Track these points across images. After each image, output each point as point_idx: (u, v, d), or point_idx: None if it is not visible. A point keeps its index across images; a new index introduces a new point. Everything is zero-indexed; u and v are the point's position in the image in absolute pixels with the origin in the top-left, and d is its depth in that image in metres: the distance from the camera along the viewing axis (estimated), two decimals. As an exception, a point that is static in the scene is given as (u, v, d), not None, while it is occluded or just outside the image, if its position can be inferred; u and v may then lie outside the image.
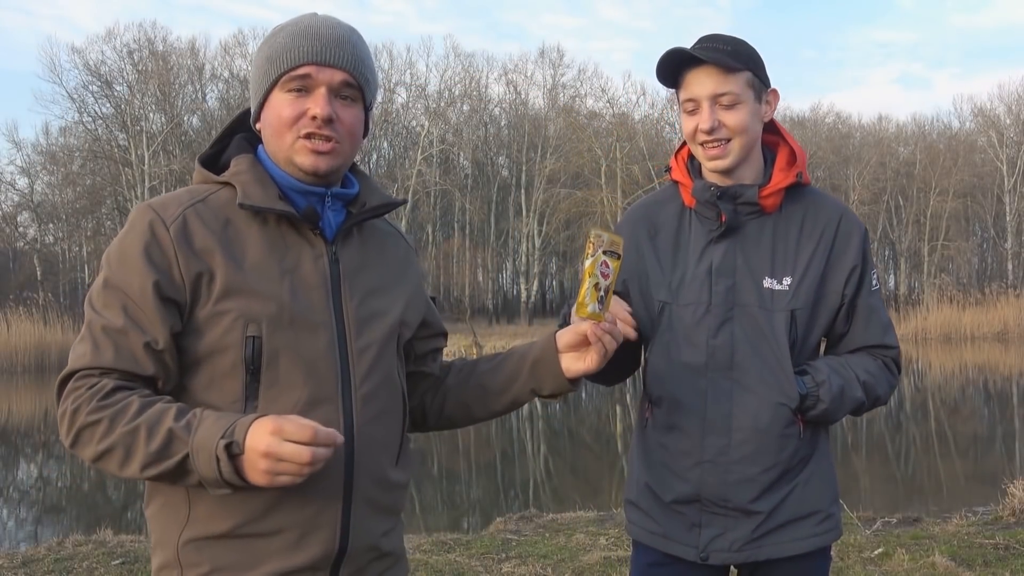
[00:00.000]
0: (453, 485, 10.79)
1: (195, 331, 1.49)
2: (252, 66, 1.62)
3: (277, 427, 1.32)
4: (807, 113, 54.25)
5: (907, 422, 15.48)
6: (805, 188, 2.01)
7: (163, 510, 1.53)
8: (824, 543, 1.97)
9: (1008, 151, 49.83)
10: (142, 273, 1.46)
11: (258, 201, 1.51)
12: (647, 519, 2.01)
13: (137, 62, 42.42)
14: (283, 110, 1.54)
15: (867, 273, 2.01)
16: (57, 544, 5.89)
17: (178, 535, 1.50)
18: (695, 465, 1.90)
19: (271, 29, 1.61)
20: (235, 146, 1.64)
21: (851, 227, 1.99)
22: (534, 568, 5.02)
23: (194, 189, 1.58)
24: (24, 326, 27.92)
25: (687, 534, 1.94)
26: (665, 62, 1.91)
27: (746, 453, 1.88)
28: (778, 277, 1.92)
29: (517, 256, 48.17)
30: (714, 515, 1.91)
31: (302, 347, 1.50)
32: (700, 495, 1.91)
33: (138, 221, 1.50)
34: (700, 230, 1.98)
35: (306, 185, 1.57)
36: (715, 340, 1.90)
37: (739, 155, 1.92)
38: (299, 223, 1.55)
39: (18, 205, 44.79)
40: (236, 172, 1.55)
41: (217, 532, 1.48)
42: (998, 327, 35.37)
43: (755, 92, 1.93)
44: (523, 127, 47.85)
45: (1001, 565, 4.88)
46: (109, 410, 1.40)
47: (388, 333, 1.63)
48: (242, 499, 1.45)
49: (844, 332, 2.01)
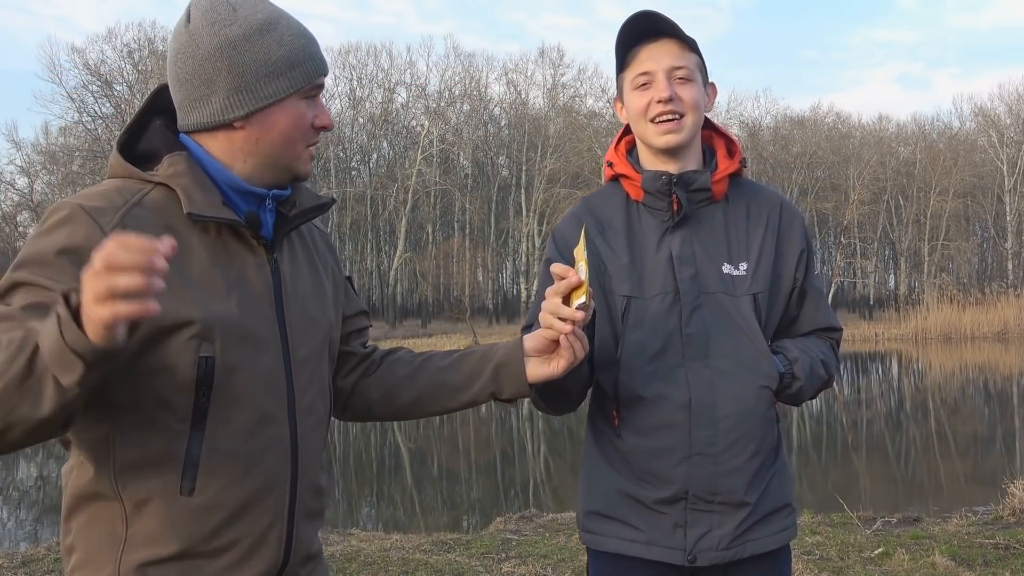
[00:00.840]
0: (453, 485, 10.79)
1: (137, 347, 1.32)
2: (240, 61, 1.44)
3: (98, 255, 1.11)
4: (807, 113, 54.39)
5: (907, 422, 15.49)
6: (744, 179, 2.03)
7: (92, 526, 1.41)
8: (792, 537, 1.98)
9: (1008, 151, 49.86)
10: (63, 280, 1.27)
11: (205, 210, 1.40)
12: (623, 527, 1.93)
13: (137, 62, 42.46)
14: (305, 118, 1.50)
15: (812, 257, 2.05)
16: (57, 544, 5.89)
17: (116, 557, 1.38)
18: (683, 460, 1.86)
19: (244, 21, 1.45)
20: (158, 135, 1.50)
21: (792, 213, 2.03)
22: (534, 568, 5.01)
23: (123, 187, 1.43)
24: (24, 326, 27.89)
25: (671, 537, 1.88)
26: (628, 31, 1.90)
27: (733, 440, 1.86)
28: (735, 263, 1.92)
29: (517, 256, 48.20)
30: (700, 512, 1.87)
31: (255, 364, 1.44)
32: (688, 491, 1.86)
33: (67, 222, 1.34)
34: (652, 222, 1.95)
35: (253, 187, 1.49)
36: (689, 328, 1.87)
37: (690, 133, 1.91)
38: (241, 229, 1.45)
39: (18, 205, 44.86)
40: (175, 174, 1.42)
41: (164, 555, 1.38)
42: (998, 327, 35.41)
43: (702, 77, 1.93)
44: (523, 127, 47.87)
45: (1001, 565, 4.88)
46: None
47: (323, 339, 1.59)
48: (190, 519, 1.39)
49: (795, 315, 2.02)
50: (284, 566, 1.49)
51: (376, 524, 8.16)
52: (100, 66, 42.18)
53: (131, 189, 1.42)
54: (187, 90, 1.46)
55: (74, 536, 1.44)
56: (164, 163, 1.44)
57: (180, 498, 1.38)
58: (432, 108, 47.50)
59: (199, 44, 1.44)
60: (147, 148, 1.49)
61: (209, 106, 1.45)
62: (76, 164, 43.41)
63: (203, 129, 1.48)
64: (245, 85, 1.44)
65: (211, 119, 1.46)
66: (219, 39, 1.43)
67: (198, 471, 1.38)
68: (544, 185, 45.76)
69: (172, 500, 1.38)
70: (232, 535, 1.42)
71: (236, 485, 1.41)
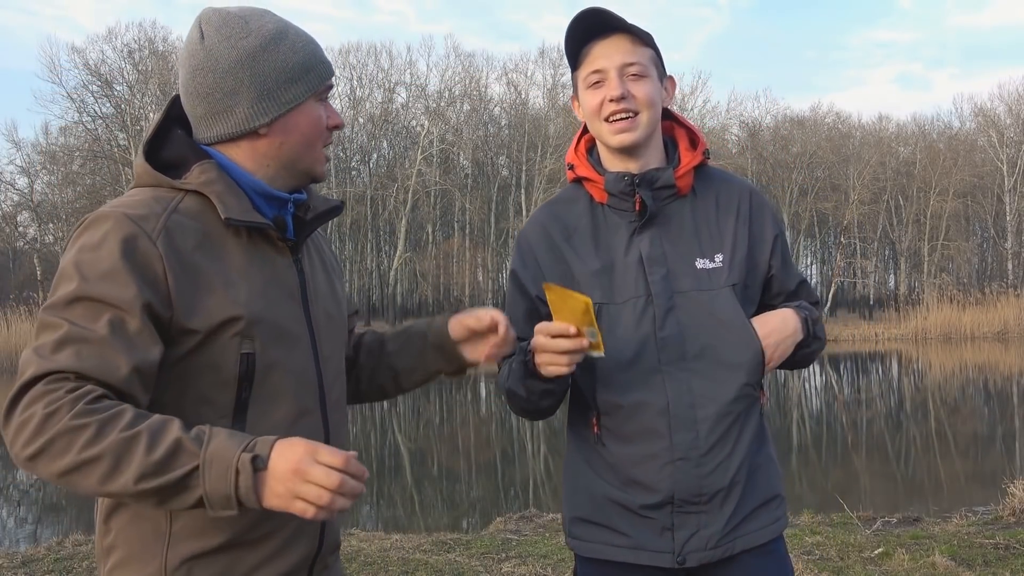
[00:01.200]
0: (453, 485, 10.79)
1: (185, 348, 1.41)
2: (261, 70, 1.50)
3: (311, 448, 1.25)
4: (807, 113, 54.35)
5: (907, 422, 15.49)
6: (710, 169, 1.99)
7: (134, 524, 1.45)
8: (784, 527, 1.96)
9: (1008, 151, 49.84)
10: (132, 290, 1.34)
11: (239, 215, 1.46)
12: (610, 533, 1.91)
13: (137, 62, 42.45)
14: (322, 119, 1.56)
15: (787, 242, 2.04)
16: (57, 544, 5.89)
17: (162, 552, 1.43)
18: (666, 466, 1.83)
19: (258, 32, 1.51)
20: (183, 144, 1.54)
21: (761, 200, 2.01)
22: (534, 568, 5.02)
23: (157, 195, 1.47)
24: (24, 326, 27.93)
25: (658, 540, 1.86)
26: (576, 29, 1.86)
27: (715, 441, 1.83)
28: (709, 256, 1.89)
29: (517, 256, 48.14)
30: (687, 514, 1.85)
31: (290, 360, 1.50)
32: (674, 496, 1.84)
33: (116, 231, 1.38)
34: (619, 223, 1.92)
35: (277, 192, 1.55)
36: (663, 332, 1.84)
37: (645, 131, 1.87)
38: (270, 232, 1.52)
39: (18, 205, 44.82)
40: (207, 181, 1.47)
41: (209, 547, 1.43)
42: (998, 327, 35.40)
43: (658, 71, 1.90)
44: (523, 127, 47.86)
45: (1001, 565, 4.88)
46: (98, 416, 1.25)
47: (341, 337, 1.67)
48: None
49: (778, 298, 2.01)
50: (317, 554, 1.57)
51: (376, 524, 8.15)
52: (100, 66, 42.20)
53: (165, 197, 1.47)
54: (208, 103, 1.50)
55: (114, 535, 1.47)
56: (194, 171, 1.48)
57: None
58: (432, 108, 47.50)
59: (218, 58, 1.48)
60: (171, 157, 1.52)
61: (233, 116, 1.50)
62: (76, 164, 43.39)
63: (227, 139, 1.53)
64: (267, 92, 1.50)
65: (236, 128, 1.51)
66: (237, 51, 1.48)
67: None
68: (544, 185, 45.74)
69: None
70: (272, 525, 1.47)
71: None
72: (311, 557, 1.56)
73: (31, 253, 43.32)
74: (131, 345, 1.33)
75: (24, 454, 1.26)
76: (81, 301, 1.34)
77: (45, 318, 1.34)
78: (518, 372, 1.85)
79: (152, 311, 1.36)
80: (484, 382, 25.84)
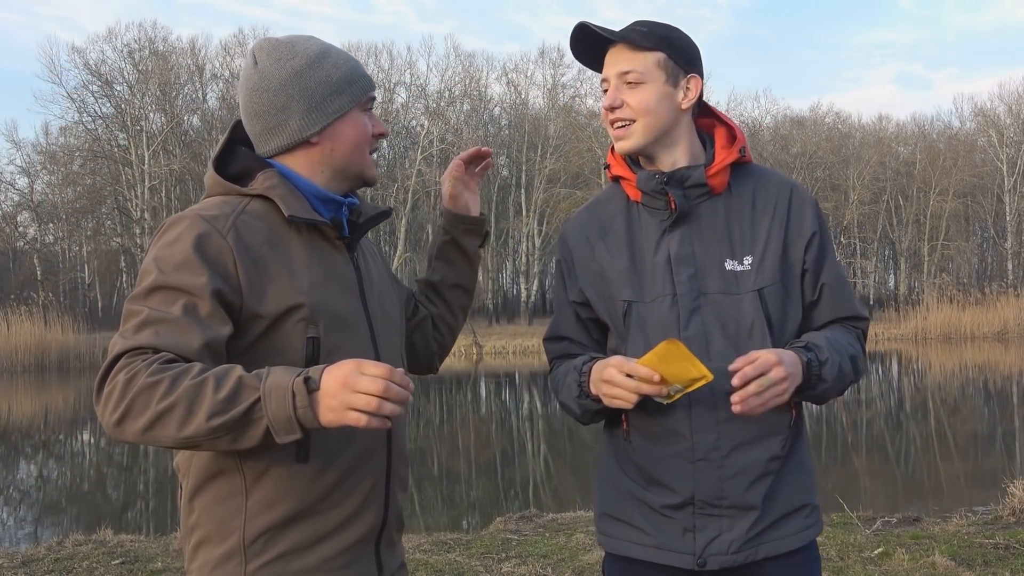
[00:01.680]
0: (453, 485, 10.79)
1: (255, 333, 1.56)
2: (308, 85, 1.67)
3: (357, 362, 1.39)
4: (807, 113, 54.34)
5: (907, 422, 15.50)
6: (751, 166, 1.96)
7: (215, 502, 1.59)
8: (813, 536, 1.94)
9: (1008, 151, 49.84)
10: (203, 278, 1.50)
11: (300, 213, 1.63)
12: (632, 530, 1.92)
13: (137, 62, 42.41)
14: (367, 127, 1.74)
15: (828, 242, 1.96)
16: (57, 544, 5.89)
17: (241, 525, 1.57)
18: (688, 466, 1.84)
19: (303, 53, 1.70)
20: (248, 158, 1.72)
21: (803, 198, 1.95)
22: (534, 568, 5.01)
23: (227, 200, 1.64)
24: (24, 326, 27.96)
25: (680, 541, 1.86)
26: (576, 43, 1.93)
27: (736, 444, 1.83)
28: (739, 258, 1.87)
29: (517, 256, 48.18)
30: (709, 517, 1.85)
31: (350, 345, 1.64)
32: (695, 497, 1.84)
33: (190, 229, 1.55)
34: (651, 222, 1.92)
35: (333, 194, 1.73)
36: (687, 332, 1.84)
37: (643, 138, 1.89)
38: (327, 231, 1.69)
39: (18, 205, 44.81)
40: (271, 186, 1.64)
41: (282, 517, 1.57)
42: (998, 327, 35.40)
43: (668, 75, 1.88)
44: (523, 127, 47.85)
45: (1001, 565, 4.88)
46: (171, 371, 1.40)
47: (399, 333, 1.85)
48: (305, 484, 1.58)
49: (815, 304, 1.94)
50: (383, 527, 1.71)
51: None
52: (100, 66, 42.13)
53: (233, 202, 1.64)
54: (264, 120, 1.69)
55: (197, 515, 1.62)
56: (259, 178, 1.66)
57: (295, 465, 1.56)
58: (432, 108, 47.48)
59: (270, 79, 1.68)
60: (237, 170, 1.71)
61: (287, 129, 1.69)
62: (76, 164, 43.38)
63: (283, 151, 1.71)
64: (315, 105, 1.68)
65: (290, 139, 1.69)
66: (287, 71, 1.68)
67: (309, 440, 1.54)
68: (544, 185, 45.75)
69: (289, 467, 1.56)
70: (339, 496, 1.62)
71: (342, 452, 1.61)
72: (377, 530, 1.69)
73: (31, 253, 43.31)
74: (203, 324, 1.48)
75: (112, 419, 1.40)
76: (159, 290, 1.50)
77: (129, 307, 1.51)
78: (572, 390, 1.89)
79: (222, 297, 1.52)
80: (484, 382, 25.84)
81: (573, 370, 1.89)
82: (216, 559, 1.58)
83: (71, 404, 21.06)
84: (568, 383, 1.91)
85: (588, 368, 1.84)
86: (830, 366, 1.82)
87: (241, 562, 1.57)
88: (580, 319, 2.00)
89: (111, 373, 1.43)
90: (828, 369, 1.81)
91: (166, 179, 41.10)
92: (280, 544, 1.58)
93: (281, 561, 1.58)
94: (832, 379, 1.83)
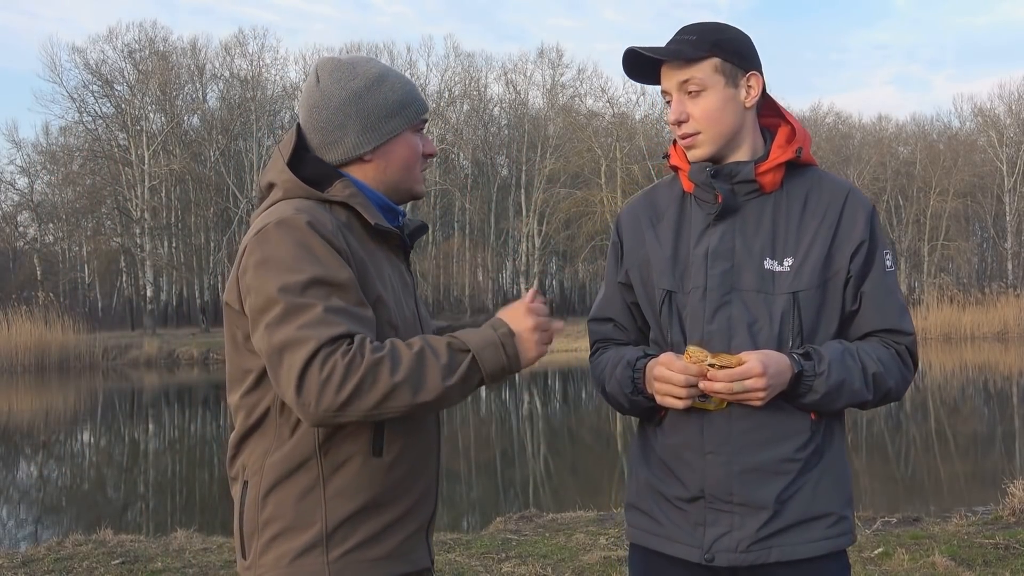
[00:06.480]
0: (453, 485, 10.78)
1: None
2: (365, 106, 1.79)
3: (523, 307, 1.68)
4: (807, 113, 54.28)
5: (907, 422, 15.49)
6: (812, 169, 1.94)
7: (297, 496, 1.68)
8: (838, 547, 1.88)
9: (1008, 151, 49.82)
10: (345, 271, 1.64)
11: (381, 222, 1.77)
12: (649, 520, 1.94)
13: (138, 62, 42.38)
14: (418, 147, 1.86)
15: (878, 250, 1.91)
16: (57, 544, 5.89)
17: (322, 516, 1.67)
18: (699, 459, 1.84)
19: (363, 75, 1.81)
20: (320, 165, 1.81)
21: (857, 204, 1.91)
22: (534, 568, 5.01)
23: (314, 204, 1.73)
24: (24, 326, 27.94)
25: (691, 534, 1.86)
26: (628, 67, 1.94)
27: (748, 441, 1.81)
28: (779, 258, 1.85)
29: (517, 256, 48.17)
30: (719, 512, 1.84)
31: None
32: (704, 490, 1.84)
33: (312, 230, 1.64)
34: (699, 214, 1.92)
35: (395, 205, 1.86)
36: (711, 326, 1.84)
37: (712, 146, 1.89)
38: (395, 239, 1.84)
39: (18, 205, 44.81)
40: (352, 195, 1.76)
41: (358, 507, 1.68)
42: (998, 327, 35.36)
43: (726, 77, 1.87)
44: (523, 127, 47.85)
45: (1001, 565, 4.88)
46: (384, 351, 1.56)
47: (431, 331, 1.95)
48: (380, 475, 1.70)
49: (854, 311, 1.90)
50: (431, 518, 1.86)
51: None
52: (101, 66, 42.12)
53: (321, 206, 1.73)
54: (323, 135, 1.81)
55: (272, 509, 1.69)
56: (337, 186, 1.77)
57: (371, 459, 1.69)
58: (432, 108, 47.48)
59: (330, 98, 1.79)
60: (311, 174, 1.78)
61: (343, 145, 1.80)
62: (76, 164, 43.39)
63: (341, 165, 1.81)
64: (371, 125, 1.80)
65: (345, 155, 1.81)
66: (347, 92, 1.79)
67: (384, 435, 1.69)
68: (544, 185, 45.73)
69: (366, 460, 1.69)
70: (406, 487, 1.76)
71: (410, 447, 1.75)
72: (428, 520, 1.83)
73: (31, 253, 43.32)
74: (366, 308, 1.65)
75: (337, 401, 1.52)
76: (316, 284, 1.60)
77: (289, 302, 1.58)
78: (624, 383, 1.90)
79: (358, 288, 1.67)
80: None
81: (626, 365, 1.90)
82: (296, 550, 1.66)
83: (71, 404, 21.06)
84: (619, 377, 1.92)
85: (643, 365, 1.87)
86: (826, 379, 1.79)
87: (323, 551, 1.66)
88: (626, 303, 2.02)
89: (315, 362, 1.52)
90: (822, 382, 1.79)
91: (166, 179, 41.10)
92: (358, 533, 1.68)
93: (359, 550, 1.68)
94: (827, 392, 1.80)
